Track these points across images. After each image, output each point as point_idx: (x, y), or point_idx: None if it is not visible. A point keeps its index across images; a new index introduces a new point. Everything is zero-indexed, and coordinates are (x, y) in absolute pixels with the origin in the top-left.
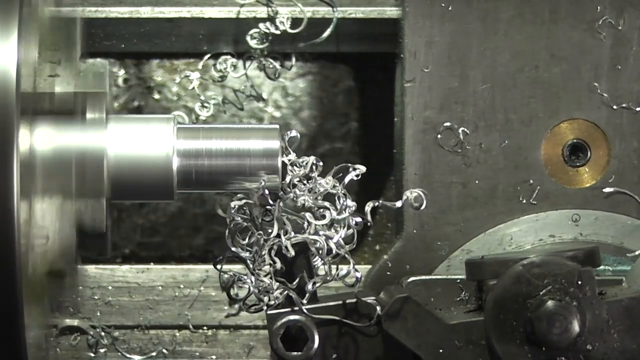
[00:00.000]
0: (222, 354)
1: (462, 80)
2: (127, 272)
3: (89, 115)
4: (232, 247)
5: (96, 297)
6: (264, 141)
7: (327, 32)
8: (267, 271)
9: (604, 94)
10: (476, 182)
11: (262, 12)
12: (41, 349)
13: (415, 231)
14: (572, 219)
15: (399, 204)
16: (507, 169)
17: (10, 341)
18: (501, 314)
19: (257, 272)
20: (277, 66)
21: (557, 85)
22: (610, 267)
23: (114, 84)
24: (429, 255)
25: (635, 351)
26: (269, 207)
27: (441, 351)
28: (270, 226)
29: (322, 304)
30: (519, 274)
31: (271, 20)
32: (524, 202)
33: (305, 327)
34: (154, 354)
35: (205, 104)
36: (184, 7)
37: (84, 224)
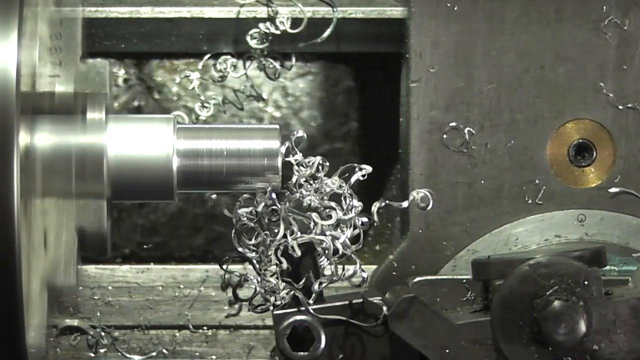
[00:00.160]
0: (222, 354)
1: (467, 80)
2: (127, 272)
3: (89, 115)
4: (239, 247)
5: (96, 297)
6: (264, 141)
7: (327, 32)
8: (274, 271)
9: (610, 94)
10: (482, 182)
11: (262, 12)
12: (41, 349)
13: (420, 231)
14: (577, 219)
15: (406, 204)
16: (513, 169)
17: (10, 341)
18: (508, 314)
19: (263, 272)
20: (277, 66)
21: (563, 85)
22: (616, 267)
23: (114, 84)
24: (435, 255)
25: None
26: (275, 207)
27: (447, 351)
28: (276, 226)
29: (329, 304)
30: (526, 274)
31: (271, 20)
32: (530, 202)
33: (311, 327)
34: (154, 354)
35: (205, 104)
36: (184, 7)
37: (84, 224)
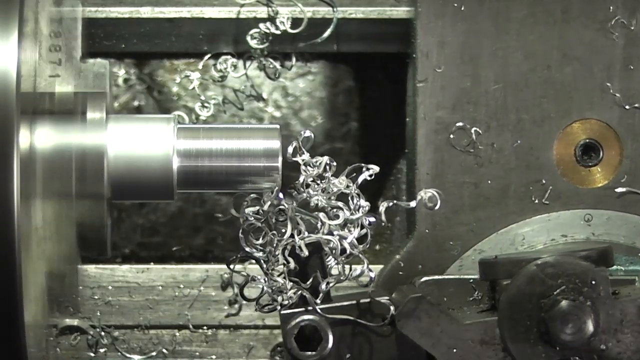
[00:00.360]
0: (222, 353)
1: (474, 80)
2: (127, 272)
3: (89, 115)
4: (246, 247)
5: (96, 297)
6: (264, 141)
7: (327, 32)
8: (281, 271)
9: (616, 94)
10: (488, 182)
11: (262, 12)
12: (41, 349)
13: (427, 231)
14: (584, 219)
15: (413, 204)
16: (519, 169)
17: (10, 341)
18: (515, 314)
19: (270, 272)
20: (277, 66)
21: (569, 85)
22: (622, 267)
23: (114, 84)
24: (441, 255)
25: None
26: (282, 207)
27: (455, 351)
28: (283, 226)
29: (336, 304)
30: (533, 273)
31: (271, 20)
32: (536, 202)
33: (319, 327)
34: (154, 354)
35: (205, 104)
36: (184, 7)
37: (84, 224)
